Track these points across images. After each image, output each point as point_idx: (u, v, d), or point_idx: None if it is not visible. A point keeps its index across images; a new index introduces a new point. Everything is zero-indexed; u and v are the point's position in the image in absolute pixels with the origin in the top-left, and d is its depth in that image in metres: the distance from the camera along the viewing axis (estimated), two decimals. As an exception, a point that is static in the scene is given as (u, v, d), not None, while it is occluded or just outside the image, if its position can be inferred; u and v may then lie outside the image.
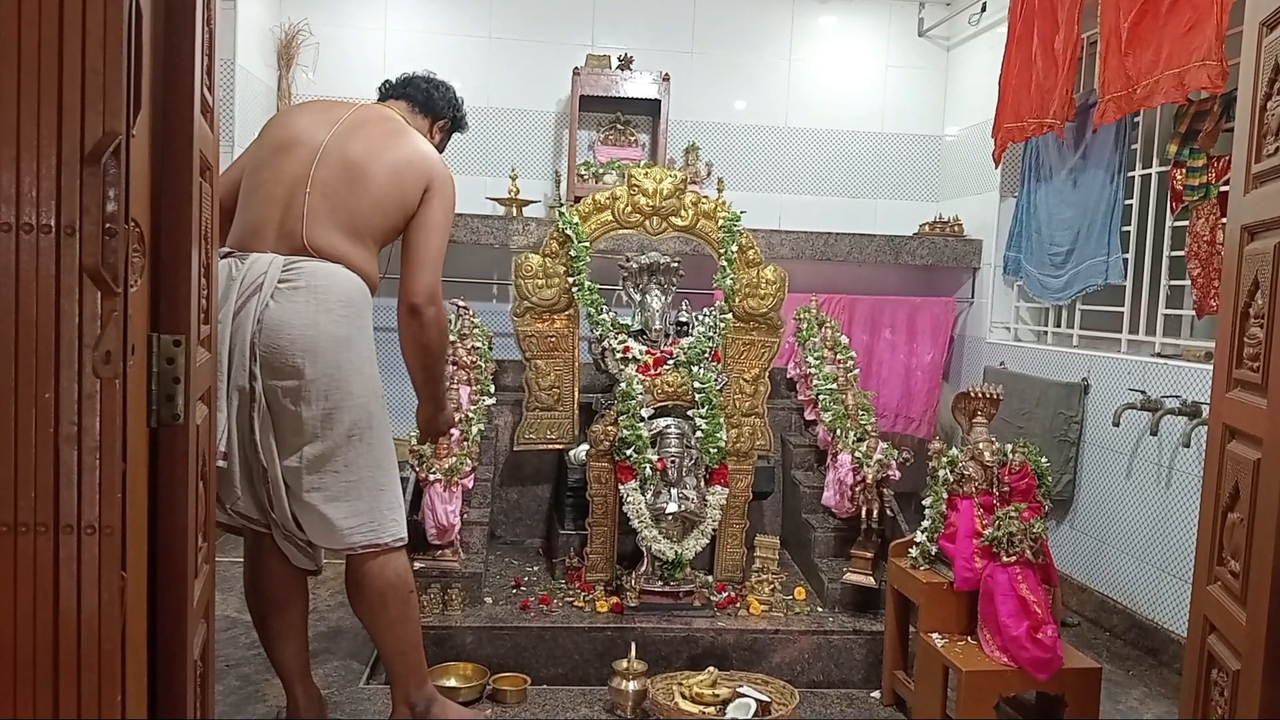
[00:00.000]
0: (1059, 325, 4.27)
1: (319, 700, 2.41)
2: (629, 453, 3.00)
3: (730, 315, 3.26)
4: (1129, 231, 3.77)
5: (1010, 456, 2.57)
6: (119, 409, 1.12)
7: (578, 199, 4.15)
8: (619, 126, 5.04)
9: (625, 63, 4.82)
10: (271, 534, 2.23)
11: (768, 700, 2.62)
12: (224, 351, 2.07)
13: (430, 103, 2.49)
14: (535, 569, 3.35)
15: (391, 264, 2.39)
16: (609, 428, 3.09)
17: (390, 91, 2.51)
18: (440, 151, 2.46)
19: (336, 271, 2.17)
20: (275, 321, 2.09)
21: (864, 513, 3.09)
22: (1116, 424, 3.32)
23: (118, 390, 1.12)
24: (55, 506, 1.10)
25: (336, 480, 2.15)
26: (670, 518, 2.99)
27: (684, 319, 3.32)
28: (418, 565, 2.92)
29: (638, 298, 3.30)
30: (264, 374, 2.10)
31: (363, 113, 2.33)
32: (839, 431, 3.34)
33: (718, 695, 2.61)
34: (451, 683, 2.67)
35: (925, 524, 2.65)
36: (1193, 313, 3.40)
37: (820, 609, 3.11)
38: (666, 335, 3.26)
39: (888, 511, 3.13)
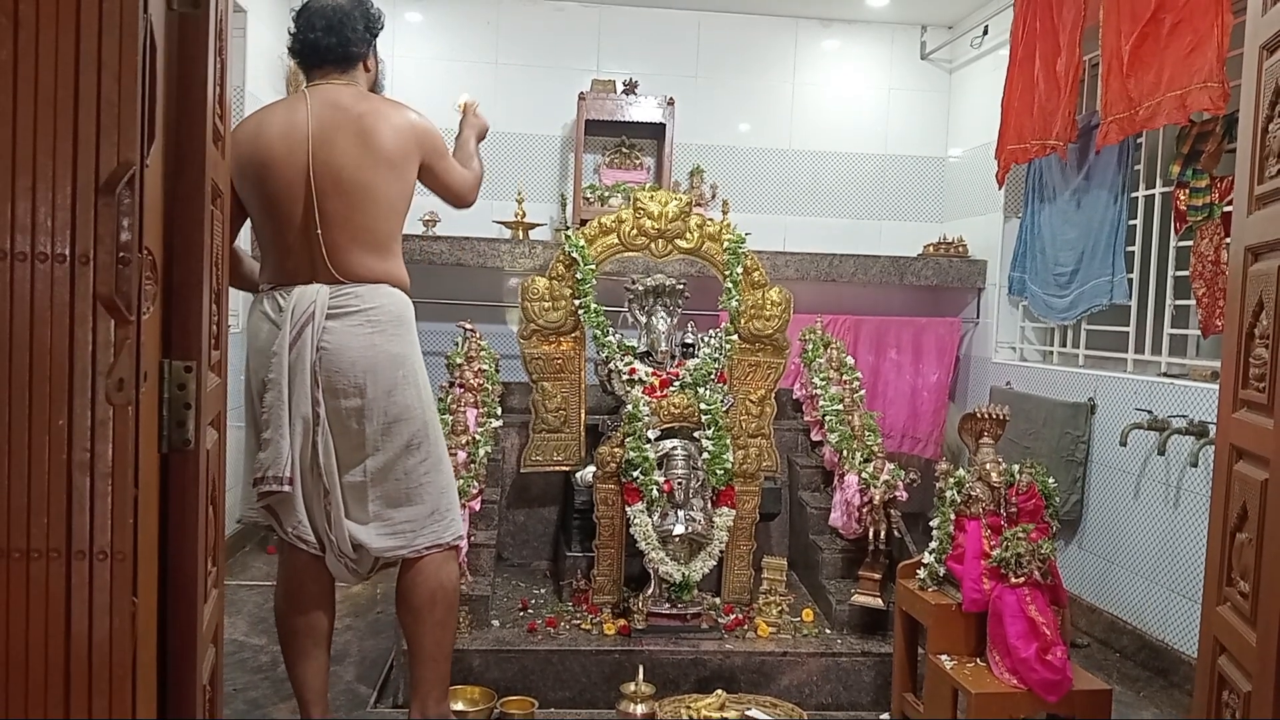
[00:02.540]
0: (1064, 345, 4.27)
1: None
2: (636, 474, 3.00)
3: (736, 336, 3.27)
4: (1133, 252, 3.78)
5: (1017, 477, 2.56)
6: (131, 435, 1.13)
7: (583, 222, 4.18)
8: (624, 150, 5.07)
9: (630, 87, 4.86)
10: (311, 553, 2.28)
11: (776, 723, 2.61)
12: (284, 381, 2.16)
13: (348, 56, 2.34)
14: (542, 591, 3.34)
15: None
16: (615, 449, 3.09)
17: (308, 63, 2.35)
18: (378, 65, 2.45)
19: (382, 291, 2.26)
20: (335, 346, 2.19)
21: (871, 534, 3.08)
22: (1123, 444, 3.32)
23: (130, 416, 1.13)
24: (68, 532, 1.11)
25: (398, 488, 2.26)
26: (677, 539, 2.98)
27: (690, 340, 3.33)
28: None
29: (643, 320, 3.31)
30: (326, 397, 2.19)
31: (321, 118, 2.23)
32: (845, 452, 3.34)
33: (726, 718, 2.60)
34: (459, 706, 2.66)
35: (933, 545, 2.64)
36: (1198, 332, 3.40)
37: (828, 630, 3.09)
38: (672, 357, 3.27)
39: (895, 532, 3.12)
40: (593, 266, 3.20)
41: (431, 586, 2.29)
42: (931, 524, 2.68)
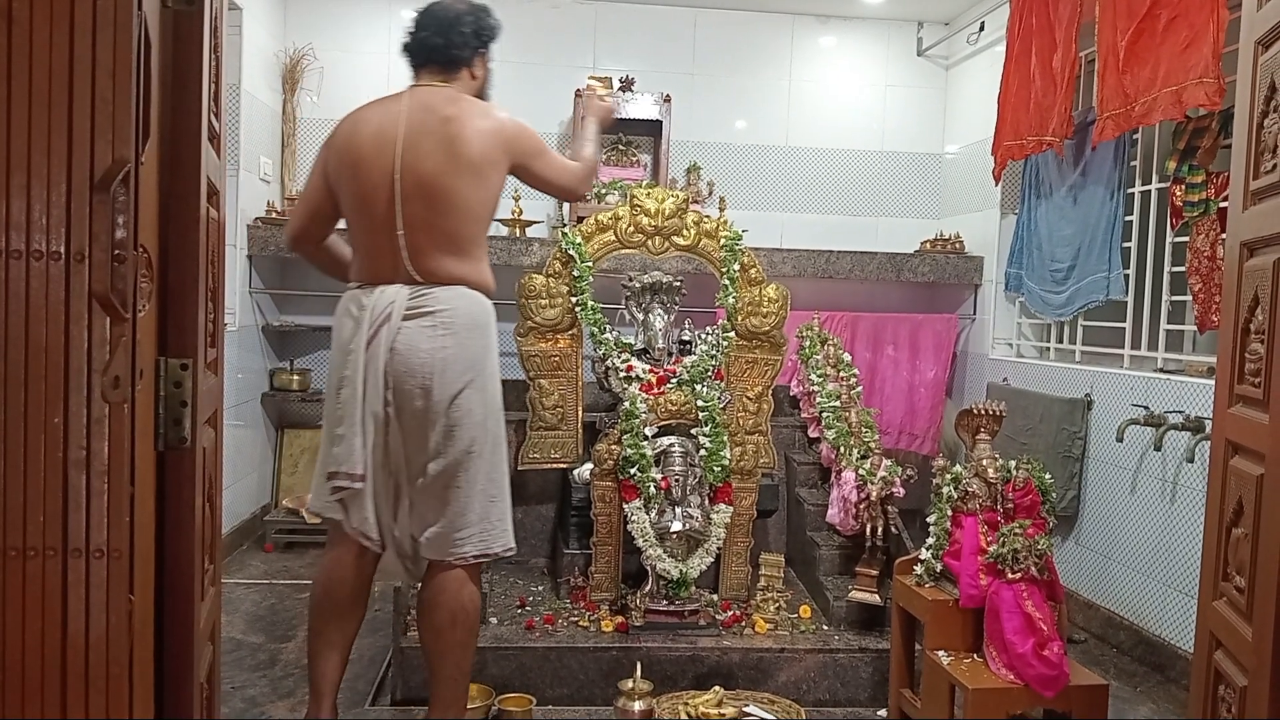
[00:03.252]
0: (1061, 341, 4.28)
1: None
2: (633, 471, 3.00)
3: (733, 333, 3.27)
4: (1129, 248, 3.78)
5: (1014, 473, 2.57)
6: (127, 433, 1.13)
7: (580, 219, 4.17)
8: (621, 147, 5.07)
9: (627, 84, 4.86)
10: (362, 548, 2.31)
11: (774, 719, 2.61)
12: (359, 379, 2.20)
13: (453, 60, 2.40)
14: (540, 589, 3.34)
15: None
16: (613, 446, 3.09)
17: (414, 62, 2.43)
18: (488, 74, 2.50)
19: (460, 294, 2.28)
20: (406, 347, 2.22)
21: (869, 530, 3.08)
22: (1120, 439, 3.32)
23: (126, 414, 1.13)
24: (64, 530, 1.11)
25: (457, 495, 2.27)
26: (675, 536, 2.99)
27: (687, 337, 3.33)
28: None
29: (640, 317, 3.31)
30: (396, 398, 2.23)
31: (413, 119, 2.28)
32: (843, 449, 3.34)
33: (724, 715, 2.60)
34: (457, 704, 2.66)
35: (930, 541, 2.65)
36: (1194, 328, 3.41)
37: (826, 627, 3.10)
38: (670, 354, 3.27)
39: (892, 529, 3.12)
40: (590, 264, 3.20)
41: (453, 608, 2.30)
42: (928, 520, 2.68)
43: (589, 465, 3.14)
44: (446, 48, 2.38)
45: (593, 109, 2.71)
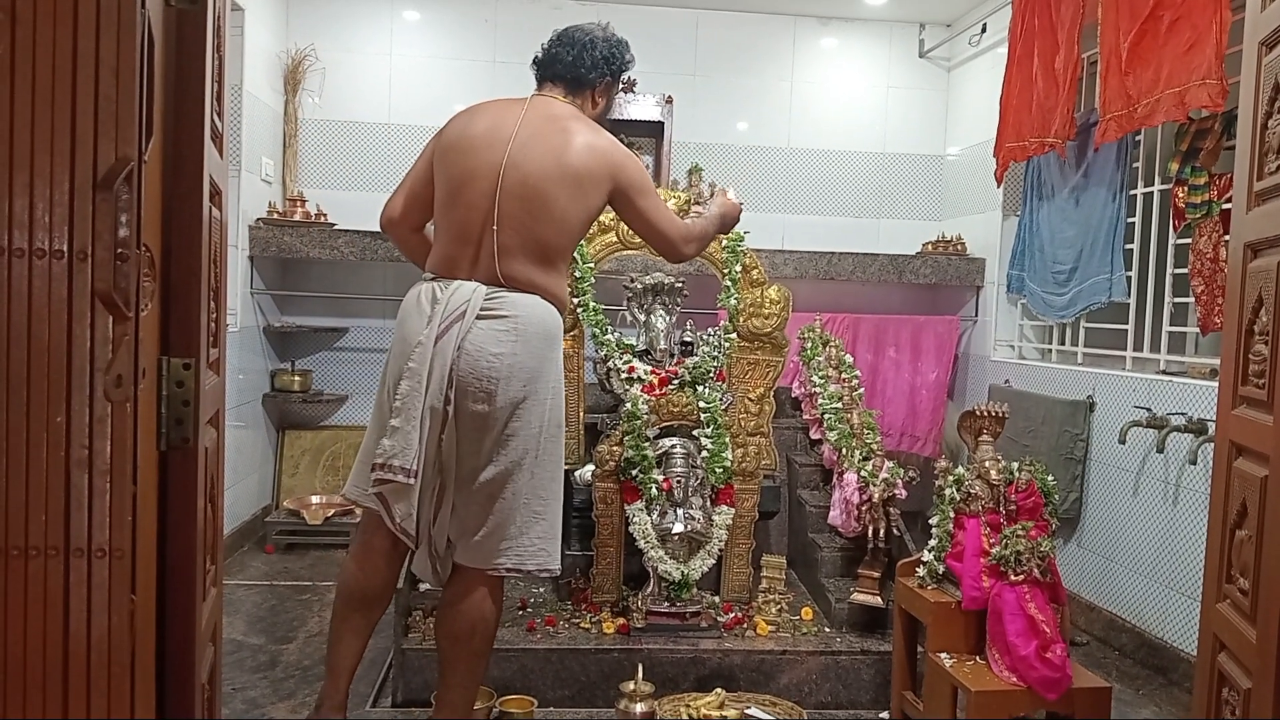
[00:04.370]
0: (1063, 343, 4.27)
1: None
2: (635, 473, 3.00)
3: (735, 335, 3.27)
4: (1132, 249, 3.78)
5: (1016, 475, 2.57)
6: (129, 432, 1.13)
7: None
8: (622, 148, 5.06)
9: (628, 85, 4.85)
10: (396, 542, 2.30)
11: (776, 722, 2.61)
12: (424, 373, 2.17)
13: (579, 79, 2.44)
14: (541, 590, 3.34)
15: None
16: (615, 448, 3.09)
17: (541, 74, 2.48)
18: (610, 105, 2.54)
19: (535, 304, 2.27)
20: (475, 348, 2.20)
21: (870, 532, 3.08)
22: (1122, 441, 3.32)
23: (128, 414, 1.13)
24: (66, 530, 1.11)
25: (502, 506, 2.24)
26: (676, 538, 2.98)
27: (689, 339, 3.33)
28: (423, 588, 2.92)
29: (642, 318, 3.31)
30: (458, 398, 2.20)
31: (530, 123, 2.31)
32: (844, 450, 3.33)
33: (725, 717, 2.60)
34: (458, 705, 2.66)
35: (932, 543, 2.64)
36: (1196, 330, 3.40)
37: (828, 629, 3.09)
38: (671, 355, 3.26)
39: (894, 531, 3.11)
40: (591, 265, 3.20)
41: (474, 618, 2.29)
42: (931, 522, 2.68)
43: (590, 467, 3.14)
44: (574, 66, 2.42)
45: (719, 203, 2.72)
